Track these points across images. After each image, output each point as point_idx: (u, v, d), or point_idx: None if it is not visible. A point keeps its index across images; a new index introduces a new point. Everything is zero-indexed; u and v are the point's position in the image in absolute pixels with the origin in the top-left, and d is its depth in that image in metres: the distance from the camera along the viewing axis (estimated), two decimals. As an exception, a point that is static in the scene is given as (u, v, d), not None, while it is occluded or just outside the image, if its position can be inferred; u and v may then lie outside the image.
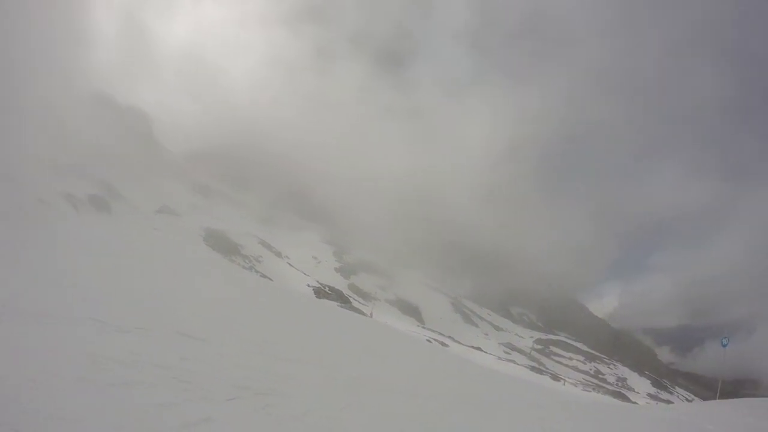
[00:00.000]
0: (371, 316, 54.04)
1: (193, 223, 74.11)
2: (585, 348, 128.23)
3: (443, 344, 58.47)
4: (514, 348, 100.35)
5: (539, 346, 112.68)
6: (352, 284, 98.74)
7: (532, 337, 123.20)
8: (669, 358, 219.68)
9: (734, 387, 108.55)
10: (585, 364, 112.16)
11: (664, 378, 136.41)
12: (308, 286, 65.55)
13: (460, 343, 72.06)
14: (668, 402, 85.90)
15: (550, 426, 9.98)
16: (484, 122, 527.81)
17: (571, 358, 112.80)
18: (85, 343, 6.09)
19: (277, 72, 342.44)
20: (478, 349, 71.17)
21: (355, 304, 68.17)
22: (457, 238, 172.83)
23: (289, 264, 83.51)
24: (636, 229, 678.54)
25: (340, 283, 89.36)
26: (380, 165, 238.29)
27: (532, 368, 69.86)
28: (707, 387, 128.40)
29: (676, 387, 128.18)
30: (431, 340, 57.22)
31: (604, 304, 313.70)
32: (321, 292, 62.84)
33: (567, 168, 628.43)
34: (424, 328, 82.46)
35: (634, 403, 57.87)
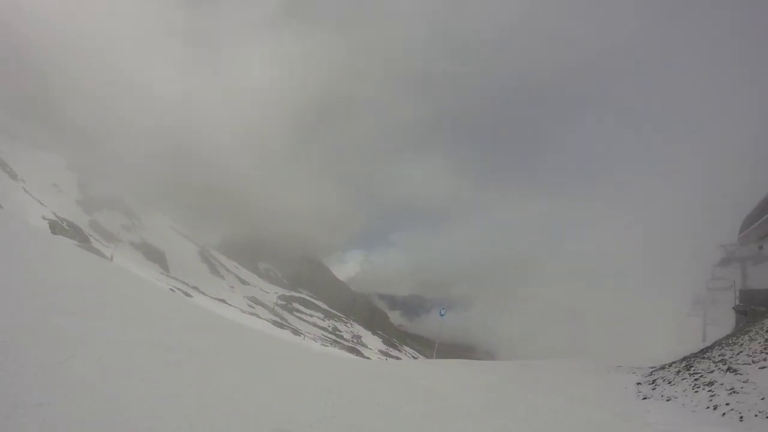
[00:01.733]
0: (112, 260, 51.25)
1: None
2: (325, 307, 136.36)
3: (187, 294, 57.93)
4: (258, 302, 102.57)
5: (283, 302, 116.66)
6: (93, 221, 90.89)
7: (276, 293, 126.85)
8: (399, 321, 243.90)
9: (453, 349, 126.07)
10: (324, 321, 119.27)
11: (394, 337, 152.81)
12: (44, 218, 59.40)
13: (205, 294, 71.82)
14: (397, 358, 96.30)
15: (285, 377, 11.14)
16: (271, 69, 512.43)
17: (312, 315, 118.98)
18: None
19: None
20: (223, 301, 71.70)
21: (95, 244, 63.85)
22: (213, 182, 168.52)
23: (24, 189, 74.20)
24: (385, 208, 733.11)
25: (80, 219, 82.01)
26: (147, 85, 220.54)
27: (275, 323, 72.59)
28: (430, 347, 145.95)
29: (405, 346, 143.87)
30: (175, 289, 56.25)
31: (347, 269, 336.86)
32: (57, 227, 57.62)
33: (334, 138, 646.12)
34: (168, 276, 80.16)
35: (368, 358, 63.87)
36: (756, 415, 10.09)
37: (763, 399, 10.74)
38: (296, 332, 71.73)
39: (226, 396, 7.48)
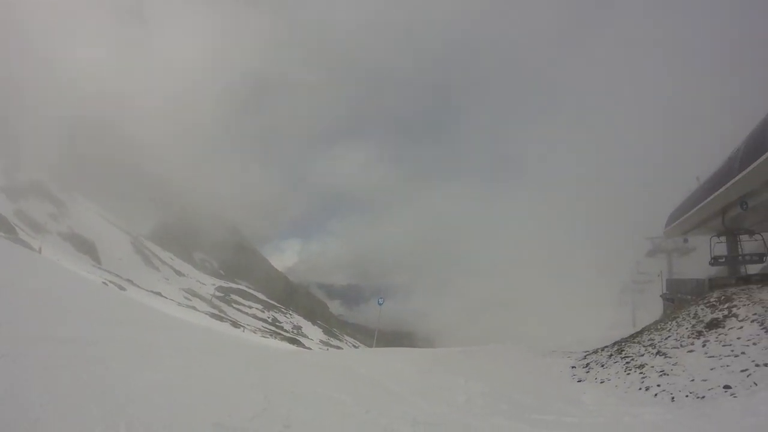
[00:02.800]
0: (40, 252, 49.11)
1: None
2: (264, 298, 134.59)
3: (121, 287, 56.09)
4: (195, 294, 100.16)
5: (220, 294, 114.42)
6: (20, 210, 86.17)
7: (213, 284, 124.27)
8: (339, 311, 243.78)
9: (394, 337, 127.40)
10: (264, 312, 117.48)
11: (334, 327, 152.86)
12: (-37, 208, 56.19)
13: (139, 287, 69.64)
14: (338, 348, 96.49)
15: (224, 369, 10.95)
16: (200, 44, 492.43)
17: (250, 307, 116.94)
18: None
19: None
20: (159, 294, 69.74)
21: (21, 235, 60.94)
22: (142, 164, 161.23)
23: (-59, 177, 69.85)
24: (321, 196, 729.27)
25: (5, 208, 77.50)
26: (69, 58, 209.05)
27: (213, 315, 71.12)
28: (370, 336, 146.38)
29: (345, 335, 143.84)
30: (108, 282, 54.26)
31: (285, 258, 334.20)
32: (-20, 217, 54.64)
33: (270, 125, 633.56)
34: (100, 268, 77.14)
35: (308, 348, 63.70)
36: (687, 396, 10.68)
37: (692, 381, 11.37)
38: (235, 324, 70.56)
39: (163, 390, 7.48)
